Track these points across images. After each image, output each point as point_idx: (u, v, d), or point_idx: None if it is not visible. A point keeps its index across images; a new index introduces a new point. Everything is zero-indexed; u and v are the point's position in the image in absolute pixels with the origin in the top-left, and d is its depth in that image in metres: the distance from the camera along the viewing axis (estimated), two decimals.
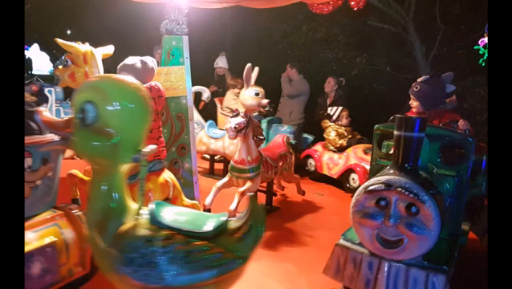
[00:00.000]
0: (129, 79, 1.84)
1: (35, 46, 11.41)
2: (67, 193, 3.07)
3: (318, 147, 5.76)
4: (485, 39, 3.84)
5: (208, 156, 6.01)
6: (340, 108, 5.73)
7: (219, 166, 5.88)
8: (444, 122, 3.30)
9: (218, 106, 6.56)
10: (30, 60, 11.12)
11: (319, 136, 5.97)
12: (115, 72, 2.96)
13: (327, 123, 5.72)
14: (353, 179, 5.12)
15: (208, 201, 3.57)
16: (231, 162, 3.82)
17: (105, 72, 3.38)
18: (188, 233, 1.72)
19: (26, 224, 2.18)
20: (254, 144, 3.75)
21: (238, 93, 5.01)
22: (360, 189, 2.43)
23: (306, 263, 3.17)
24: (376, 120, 3.31)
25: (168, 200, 3.00)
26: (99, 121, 1.69)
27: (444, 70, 3.58)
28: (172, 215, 1.81)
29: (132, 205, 1.85)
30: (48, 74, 10.57)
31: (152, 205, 1.82)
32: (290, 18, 8.51)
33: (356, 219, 2.42)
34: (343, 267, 2.59)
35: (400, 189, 2.23)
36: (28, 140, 2.21)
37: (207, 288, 1.71)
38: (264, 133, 4.06)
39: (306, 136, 6.33)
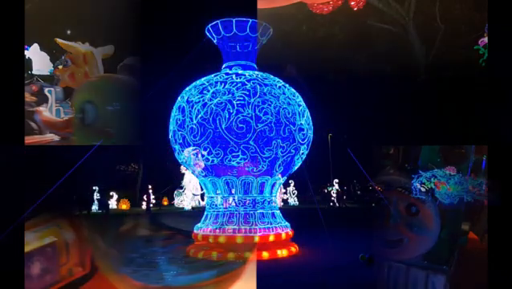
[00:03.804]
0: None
1: (35, 46, 11.38)
2: None
3: None
4: (485, 39, 3.84)
5: None
6: None
7: None
8: None
9: None
10: (30, 60, 11.10)
11: None
12: (115, 72, 2.96)
13: None
14: None
15: None
16: None
17: (105, 72, 3.38)
18: None
19: (26, 224, 2.18)
20: None
21: None
22: None
23: None
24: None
25: None
26: (99, 121, 1.69)
27: (445, 70, 3.57)
28: None
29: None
30: (48, 74, 10.54)
31: None
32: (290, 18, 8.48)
33: None
34: None
35: (400, 189, 2.23)
36: (28, 139, 2.20)
37: (207, 288, 1.71)
38: None
39: None
